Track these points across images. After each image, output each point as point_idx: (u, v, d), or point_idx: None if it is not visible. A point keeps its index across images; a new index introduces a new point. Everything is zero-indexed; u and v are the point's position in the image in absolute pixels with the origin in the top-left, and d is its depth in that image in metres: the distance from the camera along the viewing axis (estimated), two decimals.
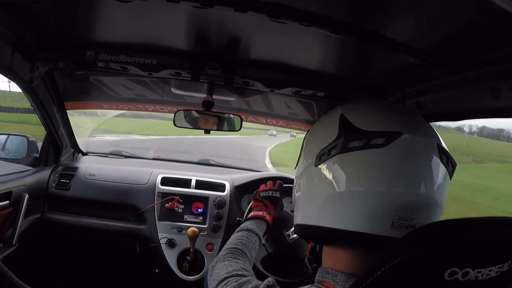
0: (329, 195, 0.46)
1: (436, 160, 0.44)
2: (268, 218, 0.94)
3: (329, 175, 0.46)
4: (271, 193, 1.04)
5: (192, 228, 1.26)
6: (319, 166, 0.47)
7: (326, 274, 0.47)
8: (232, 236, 0.84)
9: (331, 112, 0.52)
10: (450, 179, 0.46)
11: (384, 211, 0.42)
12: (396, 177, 0.42)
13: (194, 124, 1.28)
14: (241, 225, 0.89)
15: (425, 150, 0.44)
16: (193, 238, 1.25)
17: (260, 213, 0.95)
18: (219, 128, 1.30)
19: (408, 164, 0.43)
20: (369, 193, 0.42)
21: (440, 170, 0.44)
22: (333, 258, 0.49)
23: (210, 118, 1.28)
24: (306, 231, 0.52)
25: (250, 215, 0.96)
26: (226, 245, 0.77)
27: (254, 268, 1.12)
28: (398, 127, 0.44)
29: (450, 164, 0.46)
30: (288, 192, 1.40)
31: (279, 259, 1.16)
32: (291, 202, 1.45)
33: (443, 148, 0.45)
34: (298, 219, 0.54)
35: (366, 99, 0.60)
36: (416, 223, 0.42)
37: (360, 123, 0.45)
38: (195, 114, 1.28)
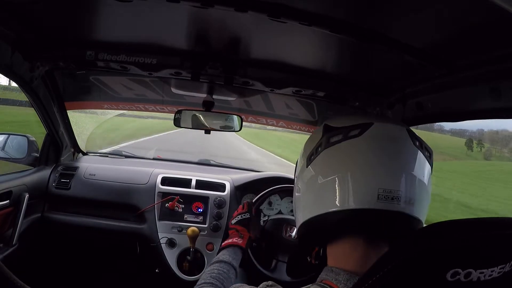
0: (322, 184, 0.51)
1: (408, 142, 0.50)
2: (241, 242, 0.98)
3: (319, 169, 0.52)
4: (240, 217, 1.09)
5: (192, 228, 1.25)
6: (310, 165, 0.54)
7: (330, 273, 0.48)
8: (204, 270, 0.87)
9: (319, 127, 0.60)
10: (430, 164, 0.52)
11: (369, 188, 0.47)
12: (373, 159, 0.49)
13: (194, 124, 1.28)
14: (215, 257, 0.92)
15: (396, 135, 0.51)
16: (193, 237, 1.25)
17: (230, 240, 0.98)
18: (219, 128, 1.30)
19: (382, 147, 0.50)
20: (354, 175, 0.49)
21: (413, 151, 0.50)
22: (335, 255, 0.51)
23: (210, 118, 1.27)
24: (307, 228, 0.56)
25: (222, 244, 1.00)
26: (198, 282, 0.80)
27: (256, 270, 1.13)
28: (369, 119, 0.51)
29: (425, 150, 0.51)
30: (289, 192, 1.41)
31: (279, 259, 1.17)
32: (291, 201, 1.47)
33: (414, 134, 0.51)
34: (300, 218, 0.57)
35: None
36: (400, 195, 0.47)
37: (338, 124, 0.53)
38: (195, 114, 1.28)
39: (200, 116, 1.28)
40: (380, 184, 0.47)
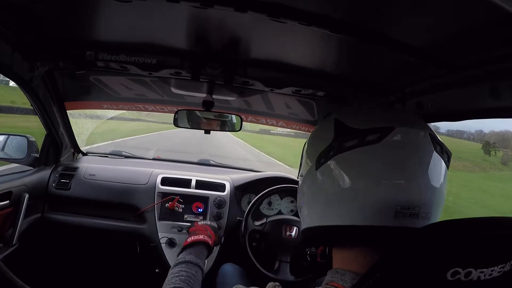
0: (332, 193, 0.47)
1: (430, 149, 0.45)
2: (209, 240, 0.91)
3: (330, 175, 0.47)
4: (209, 222, 1.06)
5: None
6: (320, 169, 0.49)
7: (336, 274, 0.47)
8: (169, 273, 0.77)
9: (326, 119, 0.54)
10: (448, 168, 0.48)
11: (386, 203, 0.43)
12: (393, 169, 0.44)
13: (194, 124, 1.28)
14: (180, 255, 0.83)
15: (418, 141, 0.45)
16: None
17: (200, 236, 0.91)
18: (219, 128, 1.30)
19: (403, 156, 0.44)
20: (369, 187, 0.44)
21: (435, 158, 0.45)
22: (342, 259, 0.49)
23: (210, 118, 1.27)
24: (313, 233, 0.53)
25: (186, 241, 0.90)
26: (166, 286, 0.72)
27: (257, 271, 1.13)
28: (390, 123, 0.45)
29: (445, 153, 0.47)
30: (289, 192, 1.42)
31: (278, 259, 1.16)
32: (291, 201, 1.47)
33: (436, 138, 0.47)
34: (305, 223, 0.54)
35: (360, 104, 0.59)
36: (418, 211, 0.43)
37: (353, 123, 0.47)
38: (195, 114, 1.28)
39: (200, 116, 1.28)
40: (399, 199, 0.43)
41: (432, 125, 0.82)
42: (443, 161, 0.46)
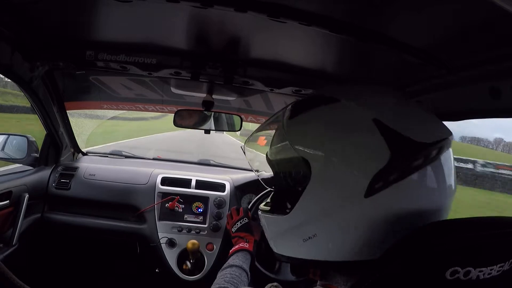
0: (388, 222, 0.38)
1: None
2: (247, 246, 0.98)
3: (391, 203, 0.38)
4: (239, 223, 1.09)
5: (192, 241, 1.24)
6: (374, 196, 0.38)
7: (328, 276, 0.47)
8: (218, 275, 0.86)
9: (348, 114, 0.41)
10: None
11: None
12: (442, 189, 0.39)
13: (194, 124, 1.28)
14: (225, 263, 0.91)
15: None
16: (193, 251, 1.24)
17: (237, 246, 0.98)
18: (219, 128, 1.30)
19: (450, 173, 0.40)
20: (437, 208, 0.40)
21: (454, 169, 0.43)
22: None
23: (210, 118, 1.28)
24: (337, 267, 0.45)
25: (230, 251, 1.00)
26: (212, 287, 0.78)
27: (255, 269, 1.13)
28: (444, 131, 0.40)
29: None
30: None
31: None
32: None
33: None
34: (310, 254, 0.44)
35: (372, 88, 0.50)
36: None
37: (414, 133, 0.38)
38: (195, 114, 1.28)
39: (200, 116, 1.28)
40: (435, 219, 0.40)
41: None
42: None
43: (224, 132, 1.37)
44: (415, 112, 0.43)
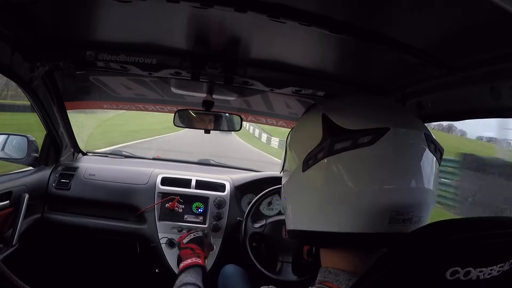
0: (322, 199, 0.44)
1: (425, 150, 0.43)
2: (200, 261, 0.92)
3: (319, 179, 0.44)
4: (192, 235, 1.04)
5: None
6: (307, 171, 0.46)
7: (328, 274, 0.47)
8: None
9: (312, 112, 0.51)
10: (439, 165, 0.47)
11: (380, 209, 0.41)
12: (387, 173, 0.42)
13: (194, 124, 1.28)
14: (176, 282, 0.85)
15: (414, 143, 0.43)
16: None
17: (189, 260, 0.92)
18: (219, 128, 1.30)
19: (398, 159, 0.42)
20: (362, 193, 0.42)
21: (431, 160, 0.44)
22: (331, 258, 0.48)
23: (210, 118, 1.28)
24: (300, 236, 0.51)
25: (180, 267, 0.92)
26: None
27: (253, 266, 1.13)
28: (384, 123, 0.42)
29: (438, 151, 0.46)
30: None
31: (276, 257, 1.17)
32: None
33: (431, 137, 0.45)
34: (291, 225, 0.52)
35: (346, 96, 0.57)
36: (412, 215, 0.42)
37: (344, 123, 0.44)
38: (195, 114, 1.28)
39: (200, 116, 1.28)
40: (394, 205, 0.41)
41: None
42: (436, 160, 0.45)
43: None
44: (358, 108, 0.49)
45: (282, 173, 0.58)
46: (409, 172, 0.42)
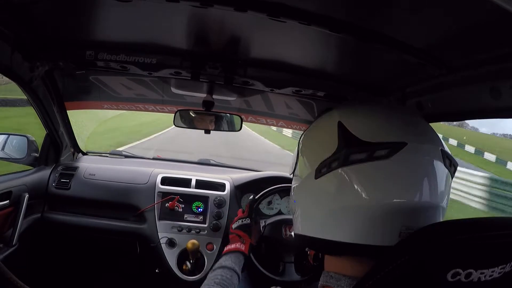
0: (333, 208, 0.44)
1: (440, 166, 0.43)
2: (243, 248, 0.94)
3: (331, 189, 0.44)
4: (241, 221, 1.05)
5: (192, 241, 1.24)
6: (320, 179, 0.45)
7: (330, 279, 0.46)
8: (208, 276, 0.84)
9: (327, 118, 0.50)
10: (452, 178, 0.46)
11: (391, 223, 0.41)
12: (401, 187, 0.41)
13: (194, 124, 1.28)
14: (217, 263, 0.89)
15: (430, 158, 0.43)
16: (193, 251, 1.24)
17: (233, 246, 0.95)
18: (219, 128, 1.30)
19: (413, 174, 0.42)
20: (374, 205, 0.41)
21: (445, 176, 0.44)
22: (336, 264, 0.48)
23: (210, 118, 1.27)
24: (308, 242, 0.50)
25: (224, 250, 0.96)
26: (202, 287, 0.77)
27: (254, 267, 1.13)
28: (402, 137, 0.42)
29: (452, 166, 0.45)
30: (289, 192, 1.41)
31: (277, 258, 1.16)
32: None
33: (446, 152, 0.45)
34: (299, 229, 0.52)
35: (363, 103, 0.56)
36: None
37: (361, 133, 0.43)
38: (195, 114, 1.28)
39: (200, 116, 1.28)
40: (405, 220, 0.41)
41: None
42: (450, 175, 0.45)
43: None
44: (377, 119, 0.48)
45: (292, 175, 0.57)
46: (423, 187, 0.42)
